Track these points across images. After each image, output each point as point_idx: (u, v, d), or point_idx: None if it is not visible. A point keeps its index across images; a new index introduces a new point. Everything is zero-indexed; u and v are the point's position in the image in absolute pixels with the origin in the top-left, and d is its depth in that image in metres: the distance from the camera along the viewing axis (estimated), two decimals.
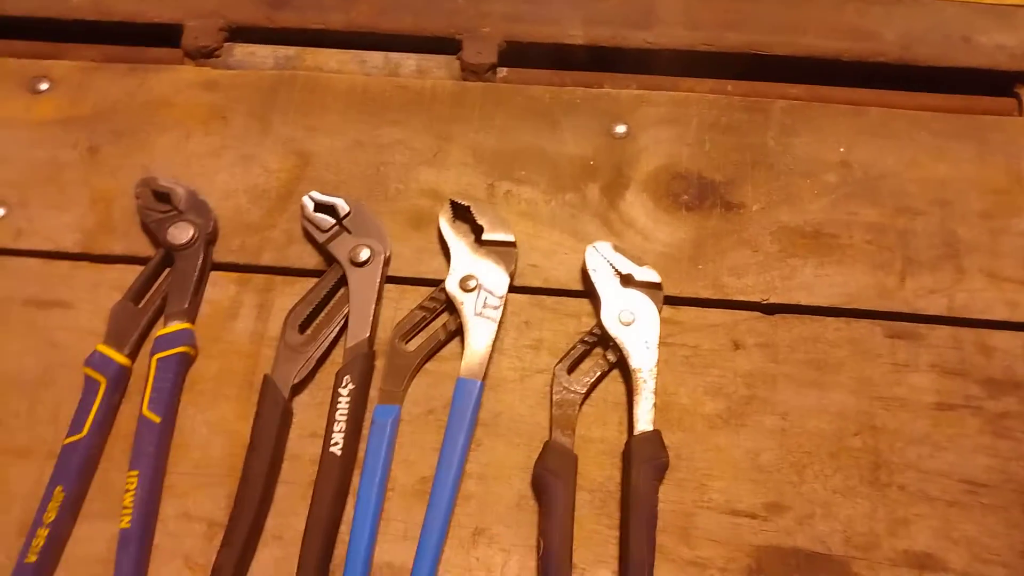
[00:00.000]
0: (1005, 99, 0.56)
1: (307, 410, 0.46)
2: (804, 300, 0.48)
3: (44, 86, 0.55)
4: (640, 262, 0.48)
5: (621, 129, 0.53)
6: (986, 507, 0.43)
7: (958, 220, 0.50)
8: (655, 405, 0.44)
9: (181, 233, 0.49)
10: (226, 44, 0.57)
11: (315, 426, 0.46)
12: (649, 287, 0.47)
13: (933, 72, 0.56)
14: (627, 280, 0.47)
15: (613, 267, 0.48)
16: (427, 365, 0.47)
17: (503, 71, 0.57)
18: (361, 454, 0.44)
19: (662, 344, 0.46)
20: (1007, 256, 0.49)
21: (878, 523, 0.43)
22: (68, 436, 0.44)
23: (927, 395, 0.46)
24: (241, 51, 0.58)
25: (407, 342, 0.47)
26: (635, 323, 0.46)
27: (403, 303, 0.49)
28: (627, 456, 0.43)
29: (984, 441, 0.44)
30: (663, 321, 0.47)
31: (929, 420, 0.45)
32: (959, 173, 0.52)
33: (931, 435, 0.45)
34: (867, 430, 0.45)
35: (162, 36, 0.58)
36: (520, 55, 0.57)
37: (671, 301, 0.48)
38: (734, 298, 0.48)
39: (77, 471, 0.44)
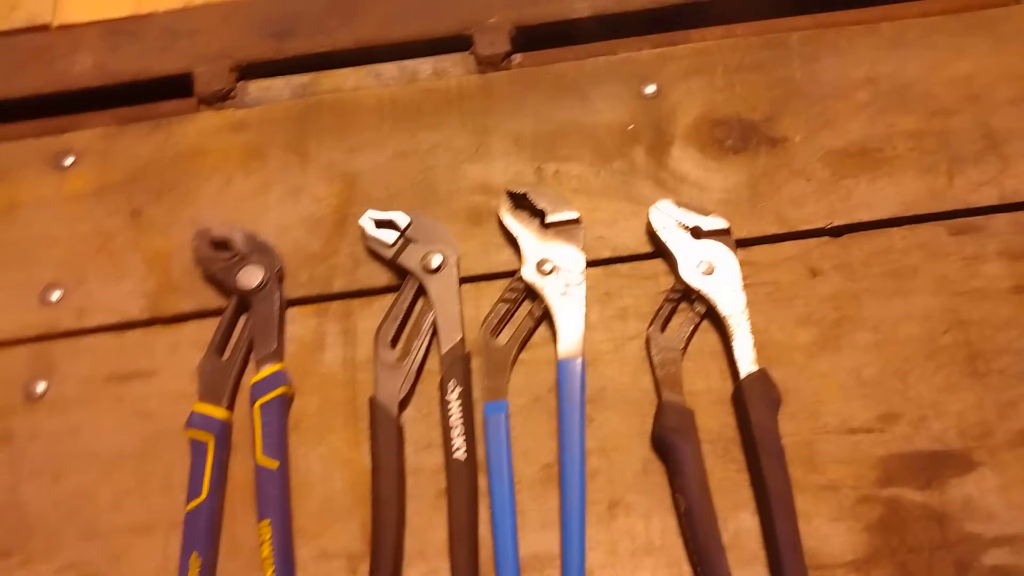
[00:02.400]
0: None
1: (416, 423, 0.46)
2: (866, 216, 0.49)
3: (69, 160, 0.54)
4: (704, 212, 0.49)
5: (651, 89, 0.54)
6: None
7: (990, 112, 0.52)
8: (754, 345, 0.45)
9: (251, 277, 0.48)
10: (239, 83, 0.57)
11: (428, 438, 0.46)
12: (719, 234, 0.48)
13: None
14: (696, 232, 0.48)
15: (679, 222, 0.48)
16: (522, 355, 0.48)
17: (517, 58, 0.57)
18: (481, 454, 0.45)
19: (744, 286, 0.47)
20: None
21: (987, 411, 0.44)
22: (189, 501, 0.44)
23: (1003, 281, 0.47)
24: (256, 87, 0.57)
25: (497, 336, 0.48)
26: (715, 271, 0.47)
27: (482, 300, 0.49)
28: (739, 399, 0.44)
29: None
30: (739, 263, 0.48)
31: (1011, 304, 0.47)
32: (981, 67, 0.53)
33: (1016, 317, 0.46)
34: (955, 326, 0.46)
35: (172, 88, 0.57)
36: (531, 39, 0.58)
37: (741, 243, 0.49)
38: (800, 228, 0.49)
39: (207, 534, 0.43)
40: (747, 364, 0.45)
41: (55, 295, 0.51)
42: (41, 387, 0.49)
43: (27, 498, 0.46)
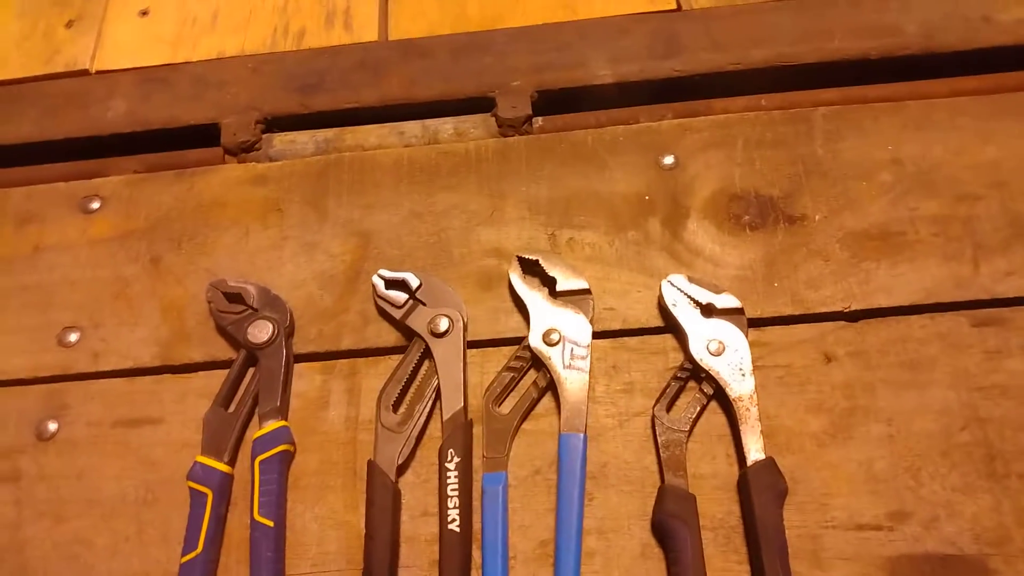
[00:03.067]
0: None
1: (414, 489, 0.46)
2: (885, 302, 0.48)
3: (95, 205, 0.56)
4: (717, 290, 0.48)
5: (669, 160, 0.54)
6: None
7: (1018, 199, 0.50)
8: (762, 431, 0.44)
9: (260, 332, 0.49)
10: (264, 136, 0.58)
11: (425, 504, 0.45)
12: (731, 313, 0.47)
13: (960, 56, 0.57)
14: (708, 310, 0.47)
15: (691, 298, 0.48)
16: (524, 425, 0.47)
17: (539, 121, 0.58)
18: (476, 526, 0.44)
19: (755, 368, 0.46)
20: None
21: (1005, 516, 0.43)
22: (184, 554, 0.44)
23: None
24: (280, 140, 0.58)
25: (500, 405, 0.47)
26: (725, 351, 0.46)
27: (487, 366, 0.49)
28: (744, 488, 0.43)
29: None
30: (750, 344, 0.47)
31: None
32: (1009, 152, 0.52)
33: None
34: (973, 423, 0.45)
35: (199, 137, 0.58)
36: (552, 102, 0.58)
37: (754, 323, 0.48)
38: (816, 310, 0.48)
39: None
40: (755, 451, 0.44)
41: (72, 337, 0.52)
42: (53, 427, 0.50)
43: (29, 538, 0.47)
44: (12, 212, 0.57)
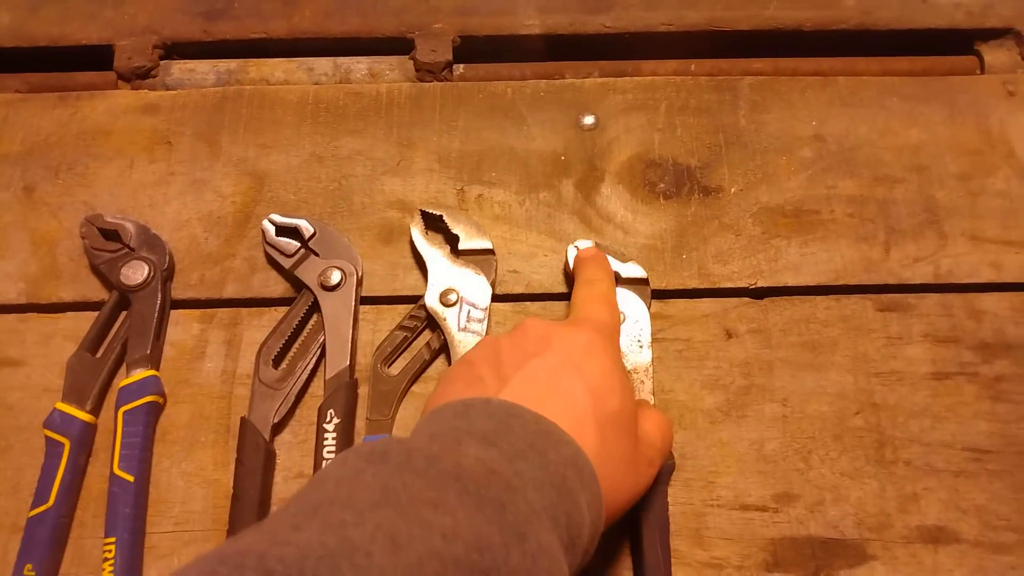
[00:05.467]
0: (966, 58, 0.55)
1: (291, 450, 0.43)
2: (792, 281, 0.47)
3: None
4: (624, 258, 0.46)
5: (589, 120, 0.51)
6: (992, 473, 0.43)
7: (936, 185, 0.50)
8: (654, 405, 0.43)
9: (135, 273, 0.45)
10: (162, 62, 0.54)
11: (301, 466, 0.43)
12: (636, 283, 0.46)
13: (894, 36, 0.56)
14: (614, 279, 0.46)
15: None
16: (413, 388, 0.45)
17: (459, 68, 0.54)
18: None
19: (654, 340, 0.45)
20: (987, 217, 0.49)
21: (888, 502, 0.42)
22: (33, 507, 0.41)
23: (923, 366, 0.45)
24: (179, 69, 0.54)
25: (390, 365, 0.45)
26: (625, 322, 0.45)
27: (380, 324, 0.46)
28: None
29: (983, 407, 0.44)
30: (652, 316, 0.45)
31: (927, 391, 0.45)
32: (932, 137, 0.51)
33: (931, 406, 0.44)
34: (868, 408, 0.44)
35: (91, 59, 0.54)
36: (475, 50, 0.55)
37: (658, 295, 0.46)
38: (722, 285, 0.47)
39: (47, 544, 0.40)
40: None
41: None
42: None
43: None
44: None
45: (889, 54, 0.55)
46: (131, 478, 0.41)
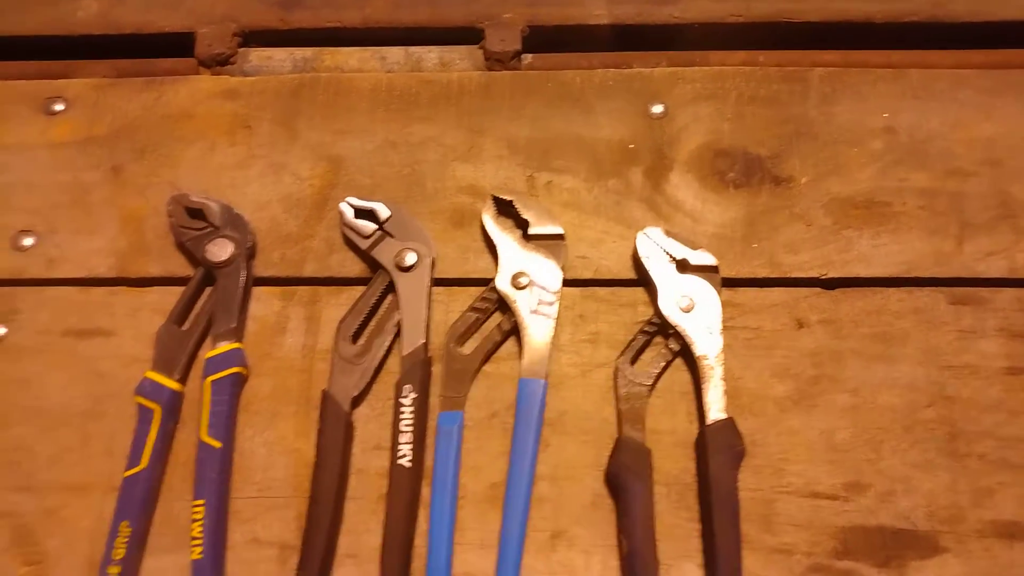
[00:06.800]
0: None
1: (368, 423, 0.45)
2: (863, 272, 0.47)
3: (59, 107, 0.53)
4: (693, 245, 0.47)
5: (658, 109, 0.52)
6: None
7: (1010, 179, 0.49)
8: (725, 391, 0.43)
9: (220, 250, 0.47)
10: (240, 50, 0.55)
11: (378, 438, 0.44)
12: (706, 270, 0.46)
13: (967, 28, 0.55)
14: (682, 265, 0.46)
15: (667, 252, 0.46)
16: (485, 367, 0.46)
17: (528, 58, 0.55)
18: (428, 463, 0.43)
19: (723, 328, 0.45)
20: None
21: (961, 495, 0.42)
22: (128, 469, 0.43)
23: (997, 360, 0.45)
24: (257, 56, 0.56)
25: (462, 345, 0.46)
26: (695, 309, 0.45)
27: (453, 305, 0.48)
28: (702, 446, 0.43)
29: None
30: (722, 304, 0.46)
31: (1001, 386, 0.44)
32: (1007, 130, 0.50)
33: (1005, 401, 0.44)
34: (940, 401, 0.44)
35: (173, 46, 0.56)
36: (544, 40, 0.56)
37: (728, 283, 0.47)
38: (792, 275, 0.47)
39: (141, 504, 0.42)
40: (715, 410, 0.43)
41: (27, 241, 0.50)
42: (1, 331, 0.48)
43: None
44: None
45: (962, 47, 0.55)
46: (218, 444, 0.43)
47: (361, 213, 0.48)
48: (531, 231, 0.47)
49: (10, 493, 0.44)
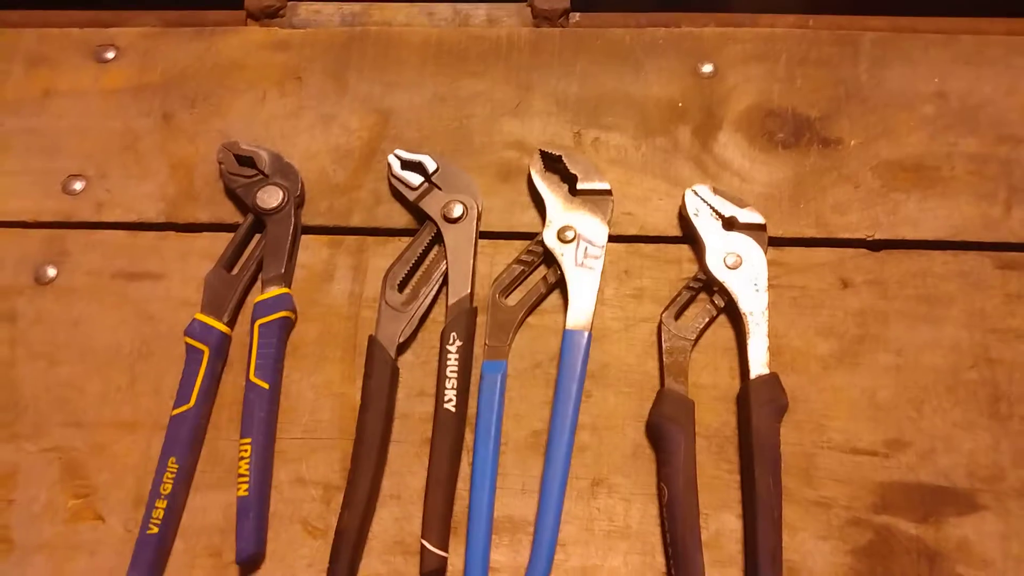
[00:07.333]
0: None
1: (413, 369, 0.46)
2: (910, 235, 0.47)
3: (111, 55, 0.54)
4: (741, 204, 0.47)
5: (708, 68, 0.52)
6: None
7: None
8: (768, 348, 0.44)
9: (270, 197, 0.48)
10: (289, 3, 0.56)
11: (422, 385, 0.45)
12: (753, 228, 0.46)
13: None
14: (730, 223, 0.46)
15: (714, 210, 0.47)
16: (529, 319, 0.46)
17: (575, 16, 0.55)
18: (471, 410, 0.44)
19: (769, 287, 0.45)
20: None
21: (1002, 455, 0.42)
22: (176, 407, 0.44)
23: None
24: (305, 9, 0.56)
25: (507, 296, 0.47)
26: (742, 266, 0.45)
27: (498, 258, 0.48)
28: (744, 400, 0.43)
29: None
30: (768, 263, 0.46)
31: None
32: None
33: None
34: (983, 363, 0.44)
35: None
36: None
37: (774, 242, 0.47)
38: (839, 235, 0.47)
39: (188, 441, 0.43)
40: (759, 366, 0.43)
41: (77, 185, 0.51)
42: (52, 272, 0.49)
43: (22, 378, 0.46)
44: (24, 54, 0.55)
45: (1015, 15, 0.54)
46: (266, 385, 0.44)
47: (408, 165, 0.49)
48: (579, 186, 0.48)
49: (61, 429, 0.45)
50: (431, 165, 0.48)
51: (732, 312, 0.45)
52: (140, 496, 0.43)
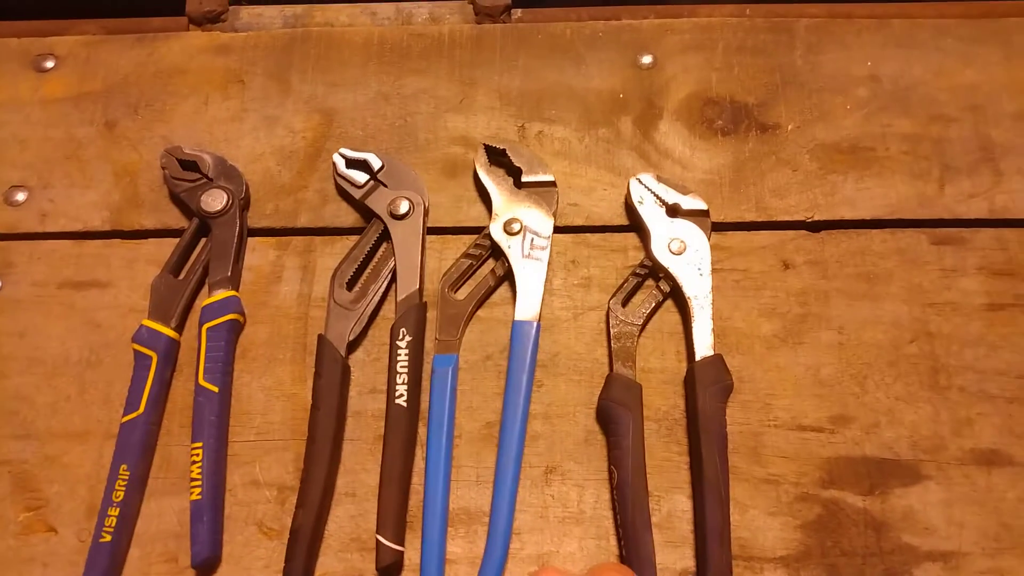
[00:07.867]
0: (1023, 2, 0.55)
1: (364, 367, 0.46)
2: (848, 215, 0.48)
3: (50, 64, 0.53)
4: (684, 191, 0.47)
5: (647, 59, 0.52)
6: None
7: (991, 124, 0.50)
8: (713, 330, 0.44)
9: (215, 200, 0.47)
10: (231, 7, 0.56)
11: (374, 382, 0.45)
12: (696, 215, 0.47)
13: None
14: (673, 210, 0.47)
15: (658, 197, 0.47)
16: (478, 312, 0.47)
17: (517, 12, 0.56)
18: (424, 405, 0.44)
19: (712, 271, 0.46)
20: None
21: (942, 425, 0.43)
22: (125, 414, 0.44)
23: (977, 297, 0.46)
24: (247, 13, 0.56)
25: (456, 291, 0.47)
26: (686, 251, 0.46)
27: (446, 253, 0.48)
28: (690, 382, 0.44)
29: None
30: (711, 248, 0.47)
31: (982, 321, 0.46)
32: (988, 77, 0.51)
33: (985, 336, 0.45)
34: (922, 336, 0.45)
35: (162, 4, 0.56)
36: None
37: (717, 227, 0.48)
38: (779, 219, 0.48)
39: (139, 448, 0.43)
40: (704, 348, 0.44)
41: (20, 196, 0.50)
42: None
43: None
44: None
45: None
46: (216, 388, 0.44)
47: (354, 163, 0.49)
48: (524, 179, 0.48)
49: (10, 441, 0.45)
50: (376, 163, 0.49)
51: (678, 297, 0.46)
52: (93, 506, 0.43)
